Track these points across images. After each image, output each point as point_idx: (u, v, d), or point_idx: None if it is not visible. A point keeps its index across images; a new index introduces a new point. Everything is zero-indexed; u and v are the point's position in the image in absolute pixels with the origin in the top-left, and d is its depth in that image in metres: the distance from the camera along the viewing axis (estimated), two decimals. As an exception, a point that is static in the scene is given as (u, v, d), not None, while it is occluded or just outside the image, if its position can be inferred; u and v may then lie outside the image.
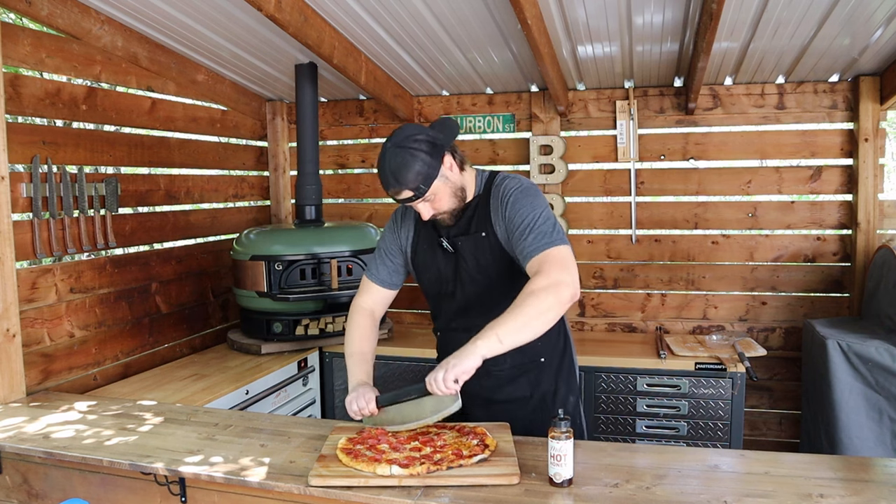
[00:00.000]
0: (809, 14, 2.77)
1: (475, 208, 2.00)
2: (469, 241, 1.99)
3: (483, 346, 1.71)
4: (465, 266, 2.01)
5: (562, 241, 1.83)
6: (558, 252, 1.80)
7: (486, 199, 1.99)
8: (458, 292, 2.04)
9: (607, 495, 1.61)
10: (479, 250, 1.98)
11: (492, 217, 1.96)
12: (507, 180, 1.98)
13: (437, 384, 1.72)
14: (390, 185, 1.86)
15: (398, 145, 1.85)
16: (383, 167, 1.86)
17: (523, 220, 1.86)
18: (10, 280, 2.48)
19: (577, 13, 2.86)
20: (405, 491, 1.64)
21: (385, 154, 1.86)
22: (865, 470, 1.74)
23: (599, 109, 3.90)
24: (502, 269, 1.98)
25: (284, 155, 4.44)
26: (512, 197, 1.91)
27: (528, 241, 1.83)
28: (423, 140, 1.86)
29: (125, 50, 3.12)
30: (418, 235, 2.11)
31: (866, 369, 2.93)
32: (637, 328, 3.98)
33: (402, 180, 1.84)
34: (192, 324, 3.68)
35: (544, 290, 1.72)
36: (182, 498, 1.91)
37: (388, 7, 2.84)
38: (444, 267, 2.05)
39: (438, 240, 2.04)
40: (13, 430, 2.16)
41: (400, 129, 1.91)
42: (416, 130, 1.89)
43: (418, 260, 2.11)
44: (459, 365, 1.70)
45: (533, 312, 1.71)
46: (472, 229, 1.99)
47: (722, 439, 3.26)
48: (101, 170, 3.55)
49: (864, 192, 3.51)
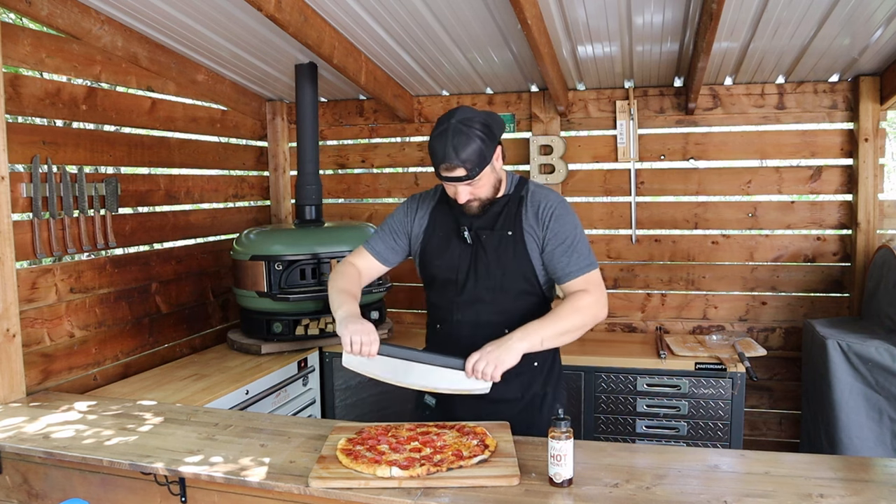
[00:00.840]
0: (809, 14, 2.78)
1: (504, 206, 2.06)
2: (494, 236, 2.05)
3: (525, 346, 1.87)
4: (485, 259, 2.05)
5: (596, 264, 2.05)
6: (596, 276, 2.03)
7: (517, 200, 2.07)
8: (471, 283, 2.06)
9: (607, 495, 1.61)
10: (502, 247, 2.04)
11: (524, 221, 2.04)
12: (545, 190, 2.10)
13: (481, 374, 1.84)
14: (449, 160, 1.86)
15: (463, 123, 1.87)
16: (444, 141, 1.87)
17: (567, 237, 2.01)
18: (10, 280, 2.48)
19: (577, 13, 2.86)
20: (405, 491, 1.64)
21: (448, 130, 1.87)
22: (865, 470, 1.74)
23: (599, 109, 3.90)
24: (519, 271, 2.05)
25: (284, 155, 4.44)
26: (557, 211, 2.03)
27: (570, 259, 2.00)
28: (485, 124, 1.90)
29: (125, 50, 3.12)
30: (433, 223, 2.13)
31: (866, 369, 2.93)
32: (637, 328, 3.98)
33: (463, 157, 1.86)
34: (192, 324, 3.68)
35: (589, 308, 1.95)
36: (182, 498, 1.91)
37: (388, 7, 2.84)
38: (458, 256, 2.08)
39: (460, 230, 2.07)
40: (13, 430, 2.16)
41: (461, 109, 1.93)
42: (478, 114, 1.92)
43: (430, 247, 2.12)
44: (506, 361, 1.85)
45: (573, 326, 1.93)
46: (499, 226, 2.05)
47: (722, 439, 3.26)
48: (101, 170, 3.54)
49: (864, 192, 3.51)
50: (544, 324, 1.91)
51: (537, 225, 2.03)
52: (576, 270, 2.00)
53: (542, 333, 1.89)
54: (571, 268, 2.00)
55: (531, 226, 2.04)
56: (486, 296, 2.05)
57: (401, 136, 4.26)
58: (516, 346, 1.86)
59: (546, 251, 2.03)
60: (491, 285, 2.05)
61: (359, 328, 1.88)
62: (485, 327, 2.03)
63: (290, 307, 3.42)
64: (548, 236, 2.02)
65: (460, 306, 2.08)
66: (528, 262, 2.04)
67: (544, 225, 2.03)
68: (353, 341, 1.87)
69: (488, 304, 2.06)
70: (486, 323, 2.04)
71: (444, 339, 2.13)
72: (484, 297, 2.06)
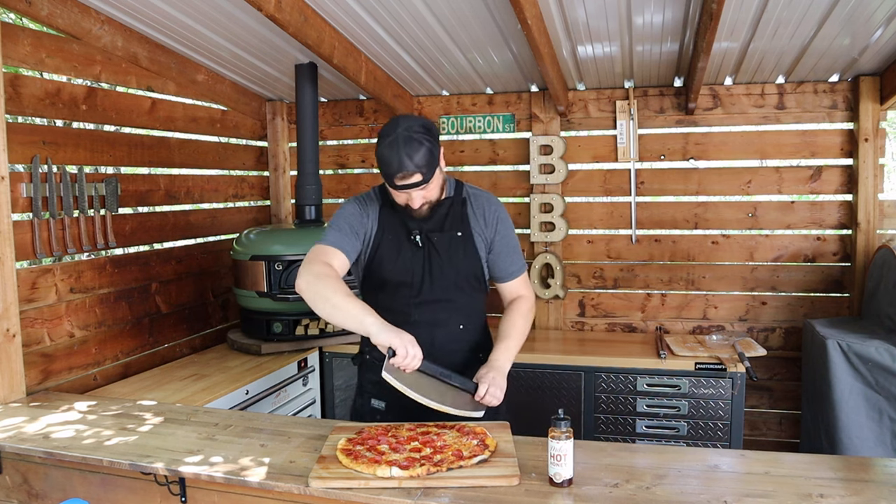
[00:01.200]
0: (809, 14, 2.78)
1: (449, 207, 2.14)
2: (444, 237, 2.12)
3: (509, 365, 2.09)
4: (439, 261, 2.11)
5: (525, 263, 2.31)
6: (527, 275, 2.31)
7: (460, 202, 2.16)
8: (426, 285, 2.12)
9: (607, 495, 1.61)
10: (453, 248, 2.13)
11: (471, 221, 2.16)
12: (483, 193, 2.23)
13: (494, 400, 1.99)
14: (405, 168, 1.90)
15: (409, 130, 1.92)
16: (396, 151, 1.90)
17: (510, 239, 2.21)
18: (10, 280, 2.48)
19: (577, 13, 2.86)
20: (405, 491, 1.64)
21: (398, 139, 1.90)
22: (865, 470, 1.74)
23: (599, 109, 3.90)
24: (470, 269, 2.16)
25: (284, 155, 4.44)
26: (501, 214, 2.20)
27: (512, 259, 2.21)
28: (426, 128, 1.96)
29: (125, 50, 3.12)
30: (382, 227, 2.13)
31: (866, 369, 2.93)
32: (637, 328, 3.98)
33: (417, 163, 1.90)
34: (192, 324, 3.68)
35: (531, 311, 2.24)
36: (182, 498, 1.91)
37: (388, 7, 2.84)
38: (411, 259, 2.11)
39: (410, 233, 2.11)
40: (13, 430, 2.16)
41: (402, 119, 1.97)
42: (416, 119, 1.98)
43: (381, 251, 2.13)
44: (504, 389, 2.02)
45: (527, 332, 2.20)
46: (448, 227, 2.13)
47: (722, 439, 3.26)
48: (101, 170, 3.54)
49: (864, 192, 3.51)
50: (514, 341, 2.13)
51: (485, 227, 2.16)
52: (516, 270, 2.22)
53: (516, 350, 2.13)
54: (513, 268, 2.22)
55: (479, 227, 2.16)
56: (442, 295, 2.13)
57: (401, 136, 4.25)
58: (506, 370, 2.06)
59: (493, 252, 2.18)
60: (445, 285, 2.13)
61: (408, 338, 1.83)
62: (441, 325, 2.13)
63: (290, 307, 3.42)
64: (496, 239, 2.17)
65: (417, 308, 2.12)
66: (477, 260, 2.16)
67: (493, 228, 2.17)
68: (409, 353, 1.81)
69: (444, 302, 2.13)
70: (443, 321, 2.14)
71: None
72: (440, 296, 2.13)
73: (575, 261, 4.03)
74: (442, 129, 4.13)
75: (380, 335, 1.82)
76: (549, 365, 3.46)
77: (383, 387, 1.88)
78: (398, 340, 1.81)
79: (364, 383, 2.27)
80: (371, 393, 2.21)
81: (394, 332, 1.83)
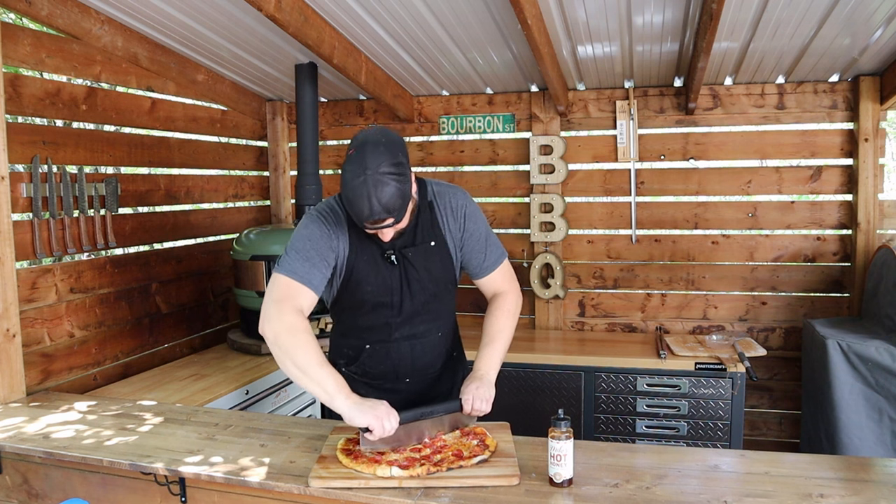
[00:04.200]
0: (809, 14, 2.77)
1: (418, 217, 1.98)
2: (419, 251, 1.99)
3: (494, 374, 1.98)
4: (417, 276, 2.00)
5: (506, 252, 2.15)
6: (508, 265, 2.14)
7: (427, 207, 2.01)
8: (407, 302, 2.01)
9: (607, 495, 1.61)
10: (429, 259, 2.01)
11: (441, 226, 2.02)
12: (449, 188, 2.06)
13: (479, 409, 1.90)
14: (376, 215, 1.73)
15: (379, 173, 1.72)
16: (366, 196, 1.72)
17: (481, 233, 2.06)
18: (10, 280, 2.48)
19: (577, 13, 2.86)
20: (405, 491, 1.64)
21: (366, 182, 1.71)
22: (865, 470, 1.74)
23: (599, 109, 3.90)
24: (447, 277, 2.07)
25: (284, 155, 4.44)
26: (468, 208, 2.05)
27: (486, 253, 2.07)
28: (396, 163, 1.76)
29: (125, 50, 3.12)
30: (354, 247, 1.96)
31: (866, 369, 2.93)
32: (637, 328, 3.98)
33: (388, 206, 1.73)
34: (192, 324, 3.68)
35: (516, 307, 2.11)
36: (182, 498, 1.91)
37: (388, 7, 2.84)
38: (388, 278, 1.99)
39: (384, 252, 1.97)
40: (13, 430, 2.16)
41: (369, 149, 1.75)
42: (387, 154, 1.75)
43: (358, 273, 1.97)
44: (492, 395, 1.93)
45: (513, 330, 2.08)
46: (419, 239, 1.99)
47: (722, 439, 3.26)
48: (101, 170, 3.55)
49: (864, 192, 3.51)
50: (498, 346, 2.02)
51: (455, 225, 2.03)
52: (492, 263, 2.09)
53: (501, 354, 2.03)
54: (488, 262, 2.08)
55: (448, 227, 2.03)
56: (422, 308, 2.04)
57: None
58: (491, 378, 1.96)
59: (464, 249, 2.06)
60: (425, 298, 2.04)
61: (380, 412, 1.74)
62: (421, 337, 2.08)
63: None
64: (464, 236, 2.05)
65: (399, 325, 2.04)
66: (451, 265, 2.07)
67: (461, 224, 2.03)
68: (385, 428, 1.73)
69: (424, 314, 2.06)
70: (423, 333, 2.08)
71: (381, 357, 2.08)
72: (419, 310, 2.04)
73: (575, 261, 4.03)
74: (442, 129, 4.13)
75: (353, 418, 1.72)
76: (549, 365, 3.46)
77: (363, 395, 1.83)
78: (373, 420, 1.72)
79: None
80: None
81: (365, 410, 1.72)
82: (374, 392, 2.10)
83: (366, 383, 2.12)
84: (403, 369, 2.09)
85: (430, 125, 4.17)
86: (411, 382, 2.12)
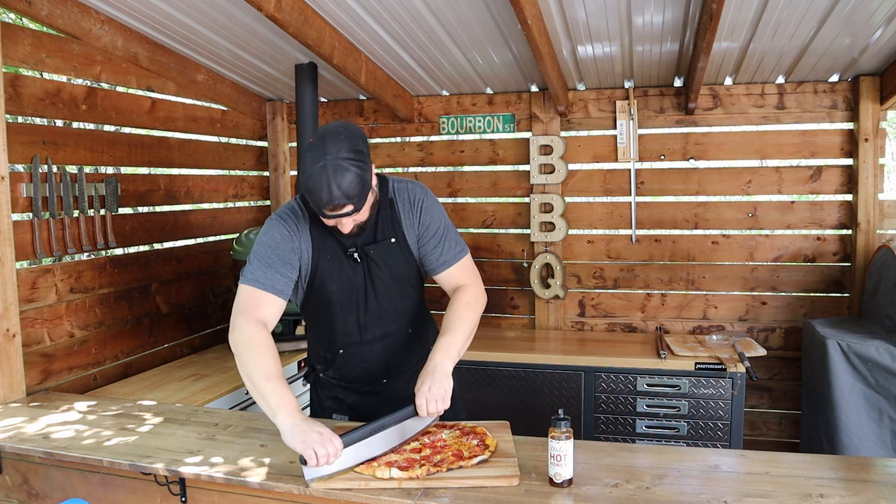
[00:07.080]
0: (809, 14, 2.77)
1: (378, 213, 1.99)
2: (380, 248, 1.99)
3: (450, 363, 1.85)
4: (380, 274, 2.00)
5: (467, 249, 2.09)
6: (469, 261, 2.08)
7: (387, 204, 2.01)
8: (371, 301, 2.01)
9: (607, 495, 1.61)
10: (390, 256, 2.01)
11: (402, 222, 2.01)
12: (408, 184, 2.06)
13: (436, 410, 1.78)
14: (335, 201, 1.73)
15: (339, 159, 1.73)
16: (325, 182, 1.72)
17: (437, 227, 2.02)
18: (10, 280, 2.48)
19: (577, 13, 2.86)
20: (405, 492, 1.64)
21: (325, 168, 1.72)
22: (865, 470, 1.74)
23: (599, 109, 3.90)
24: (410, 273, 2.06)
25: (284, 155, 4.44)
26: (425, 203, 2.03)
27: (443, 248, 2.02)
28: (358, 151, 1.78)
29: (125, 50, 3.12)
30: (317, 247, 1.96)
31: (866, 369, 2.93)
32: (637, 328, 3.98)
33: (348, 193, 1.74)
34: (192, 324, 3.68)
35: (477, 300, 2.02)
36: (182, 498, 1.91)
37: (388, 7, 2.84)
38: (353, 277, 1.99)
39: (346, 250, 1.97)
40: (13, 430, 2.16)
41: (330, 137, 1.77)
42: (348, 142, 1.77)
43: (322, 273, 1.97)
44: (448, 389, 1.80)
45: (474, 323, 1.98)
46: (380, 236, 1.99)
47: (722, 439, 3.26)
48: (101, 170, 3.55)
49: (864, 192, 3.51)
50: (454, 335, 1.90)
51: (413, 221, 2.02)
52: (450, 259, 2.03)
53: (457, 345, 1.89)
54: (445, 257, 2.03)
55: (407, 223, 2.02)
56: (389, 307, 2.05)
57: (401, 136, 4.26)
58: (446, 369, 1.83)
59: (421, 244, 2.03)
60: (390, 295, 2.03)
61: (315, 438, 1.62)
62: (392, 336, 2.08)
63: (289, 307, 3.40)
64: (420, 231, 2.02)
65: (365, 325, 2.04)
66: (414, 261, 2.05)
67: (418, 220, 2.02)
68: (318, 456, 1.61)
69: (391, 314, 2.06)
70: (394, 332, 2.08)
71: (356, 360, 2.08)
72: (387, 309, 2.04)
73: (575, 261, 4.03)
74: (442, 129, 4.13)
75: (289, 440, 1.65)
76: (548, 365, 3.46)
77: (342, 401, 1.81)
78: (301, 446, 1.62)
79: (323, 399, 2.20)
80: (332, 408, 2.17)
81: (297, 434, 1.63)
82: (353, 395, 2.13)
83: (344, 387, 2.13)
84: (378, 371, 2.09)
85: (430, 125, 4.17)
86: (388, 382, 2.12)
